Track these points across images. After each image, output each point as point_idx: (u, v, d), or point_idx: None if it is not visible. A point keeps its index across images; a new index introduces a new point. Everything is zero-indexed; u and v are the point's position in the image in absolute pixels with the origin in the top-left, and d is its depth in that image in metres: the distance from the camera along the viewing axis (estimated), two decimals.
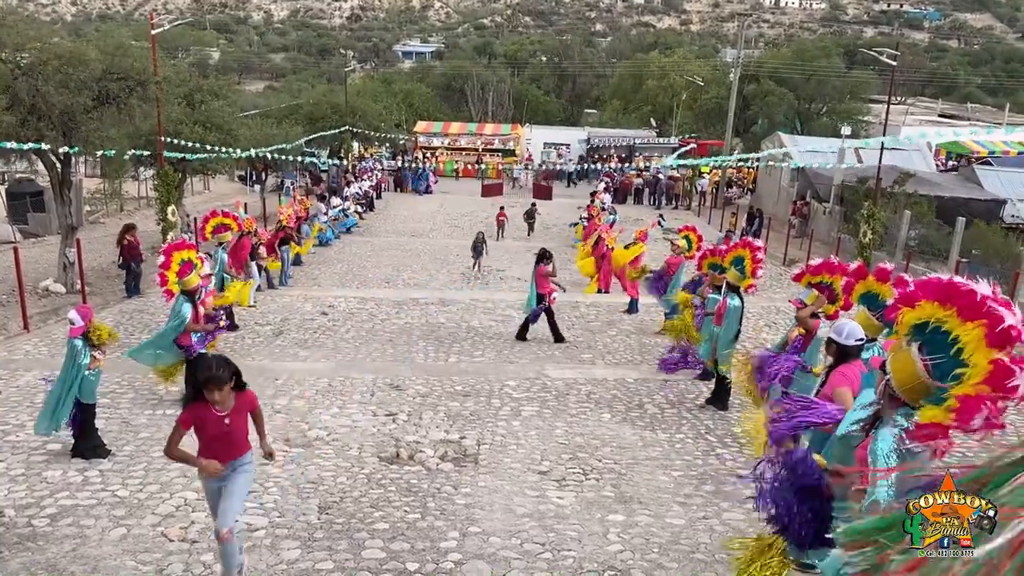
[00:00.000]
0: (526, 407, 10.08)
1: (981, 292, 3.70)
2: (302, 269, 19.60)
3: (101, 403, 8.67)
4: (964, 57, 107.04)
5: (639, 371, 12.01)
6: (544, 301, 13.33)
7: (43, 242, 22.49)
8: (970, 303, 3.72)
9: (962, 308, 3.75)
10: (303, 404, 9.86)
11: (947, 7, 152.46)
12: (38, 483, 7.36)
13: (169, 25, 26.10)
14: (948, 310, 3.83)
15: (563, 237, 26.59)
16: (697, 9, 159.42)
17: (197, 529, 6.57)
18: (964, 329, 3.75)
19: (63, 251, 16.44)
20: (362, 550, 6.33)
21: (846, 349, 5.83)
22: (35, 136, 14.98)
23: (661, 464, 8.36)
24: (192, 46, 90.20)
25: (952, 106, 70.36)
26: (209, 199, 32.54)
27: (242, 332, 13.46)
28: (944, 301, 3.86)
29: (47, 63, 14.59)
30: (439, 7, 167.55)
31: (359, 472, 7.87)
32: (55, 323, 13.55)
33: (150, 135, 18.92)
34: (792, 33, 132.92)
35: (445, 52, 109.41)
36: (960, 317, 3.77)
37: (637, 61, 58.93)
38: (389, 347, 12.86)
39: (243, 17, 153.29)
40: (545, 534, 6.70)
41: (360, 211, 29.72)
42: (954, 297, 3.82)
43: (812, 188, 29.77)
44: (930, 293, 3.97)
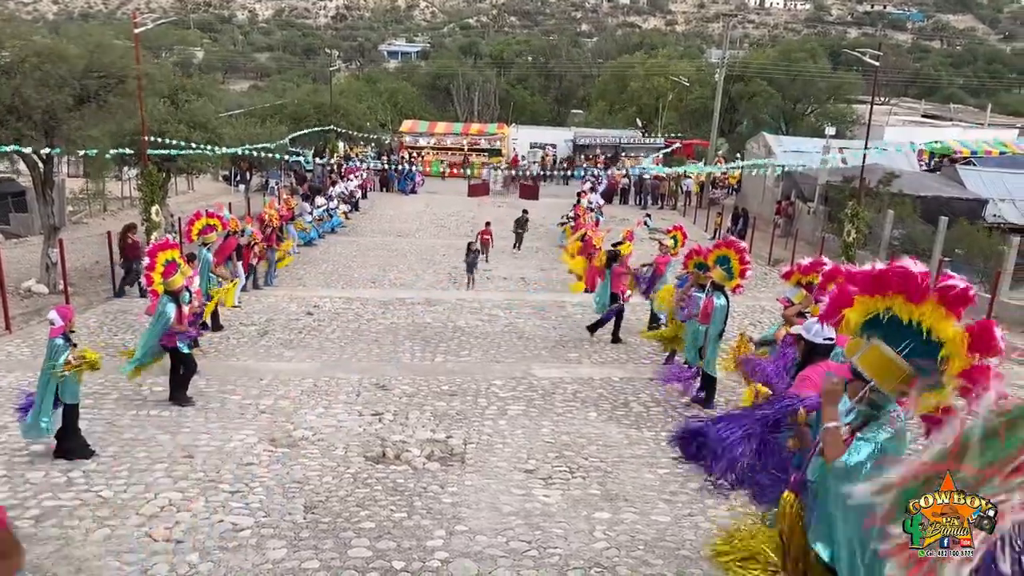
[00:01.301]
0: (512, 406, 10.09)
1: (914, 271, 3.77)
2: (287, 269, 19.52)
3: (85, 404, 8.61)
4: (947, 58, 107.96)
5: (625, 370, 12.04)
6: (618, 301, 13.34)
7: (25, 242, 22.27)
8: (912, 285, 3.78)
9: (908, 292, 3.80)
10: (288, 404, 9.83)
11: (930, 8, 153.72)
12: (21, 484, 7.31)
13: (152, 24, 25.88)
14: (893, 299, 3.87)
15: (550, 237, 26.62)
16: (682, 10, 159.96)
17: (182, 529, 6.54)
18: (920, 311, 3.80)
19: (45, 251, 16.29)
20: (348, 549, 6.32)
21: (814, 347, 5.86)
22: (15, 137, 14.82)
23: (647, 462, 8.39)
24: (176, 45, 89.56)
25: (935, 106, 70.91)
26: (193, 199, 32.34)
27: (227, 332, 13.40)
28: (882, 291, 3.90)
29: (26, 60, 14.42)
30: (424, 7, 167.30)
31: (345, 472, 7.85)
32: (37, 324, 13.42)
33: (134, 134, 18.78)
34: (777, 34, 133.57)
35: (431, 52, 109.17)
36: (910, 302, 3.82)
37: (623, 62, 59.04)
38: (375, 347, 12.84)
39: (227, 16, 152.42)
40: (531, 532, 6.71)
41: (346, 211, 29.61)
42: (891, 285, 3.87)
43: (797, 188, 29.93)
44: (865, 288, 4.01)
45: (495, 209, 34.43)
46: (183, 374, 9.71)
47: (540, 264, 21.95)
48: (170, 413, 9.37)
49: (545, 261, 22.49)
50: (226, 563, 6.06)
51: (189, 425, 8.99)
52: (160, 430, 8.79)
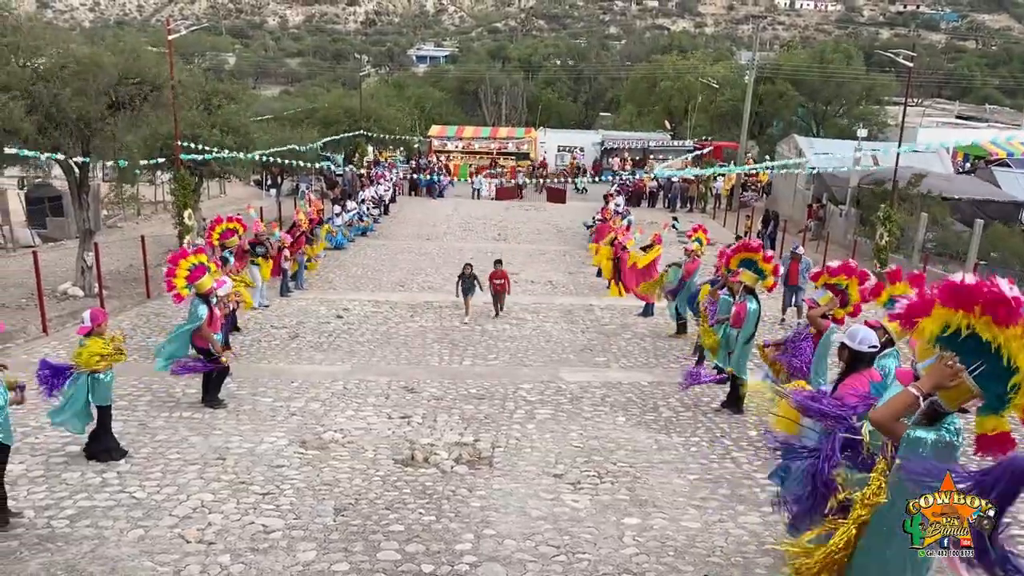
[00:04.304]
0: (540, 410, 10.08)
1: (1008, 294, 3.63)
2: (317, 273, 19.68)
3: (119, 405, 8.75)
4: (981, 58, 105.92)
5: (653, 374, 11.98)
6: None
7: (61, 246, 22.68)
8: (1004, 308, 3.64)
9: (997, 314, 3.66)
10: (319, 407, 9.91)
11: (964, 8, 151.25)
12: (57, 485, 7.43)
13: (185, 30, 26.28)
14: (979, 317, 3.73)
15: (577, 240, 26.57)
16: (711, 11, 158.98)
17: (214, 531, 6.61)
18: (1005, 334, 3.67)
19: (81, 255, 16.57)
20: (378, 552, 6.35)
21: (858, 355, 5.79)
22: (53, 145, 15.10)
23: (676, 467, 8.33)
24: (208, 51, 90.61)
25: (969, 107, 69.75)
26: (225, 203, 32.71)
27: (258, 335, 13.54)
28: (968, 307, 3.77)
29: (65, 68, 14.70)
30: (453, 11, 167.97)
31: (374, 474, 7.89)
32: (73, 326, 13.63)
33: (167, 139, 19.05)
34: (808, 35, 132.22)
35: (459, 56, 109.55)
36: (997, 324, 3.68)
37: (653, 63, 58.75)
38: (404, 350, 12.89)
39: (259, 22, 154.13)
40: (560, 537, 6.69)
41: (375, 215, 29.77)
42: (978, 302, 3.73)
43: (828, 191, 29.61)
44: (947, 300, 3.88)
45: (522, 212, 34.50)
46: (215, 377, 9.82)
47: (568, 268, 21.90)
48: (202, 415, 9.48)
49: (573, 264, 22.43)
50: (257, 565, 6.12)
51: (221, 427, 9.09)
52: (192, 432, 8.90)
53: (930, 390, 3.90)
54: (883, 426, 4.08)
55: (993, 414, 3.69)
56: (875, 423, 4.16)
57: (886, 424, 4.06)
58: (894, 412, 4.03)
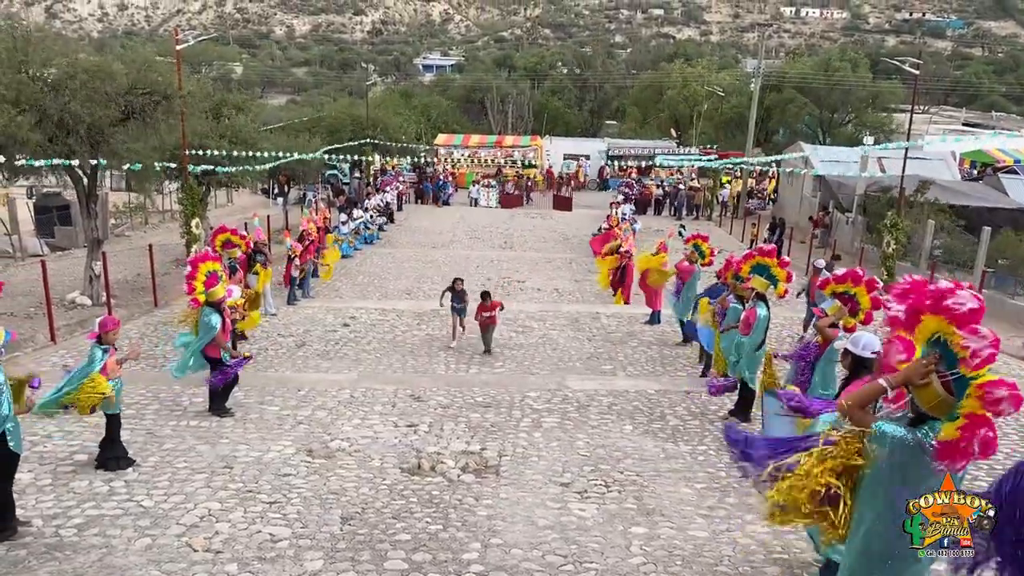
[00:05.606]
0: (547, 419, 10.07)
1: (970, 305, 3.66)
2: (323, 281, 19.72)
3: (126, 414, 8.77)
4: (988, 65, 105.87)
5: (660, 382, 11.96)
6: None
7: (70, 255, 22.78)
8: (964, 315, 3.69)
9: (958, 321, 3.72)
10: (325, 415, 9.91)
11: (970, 15, 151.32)
12: (65, 493, 7.45)
13: (193, 41, 26.40)
14: (949, 323, 3.78)
15: (584, 248, 26.56)
16: (717, 20, 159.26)
17: (221, 539, 6.62)
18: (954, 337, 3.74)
19: (89, 264, 16.64)
20: (384, 561, 6.35)
21: (862, 360, 5.78)
22: (65, 152, 15.19)
23: (684, 476, 8.31)
24: (216, 61, 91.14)
25: (976, 114, 69.59)
26: (233, 212, 32.84)
27: (264, 344, 13.56)
28: (939, 312, 3.80)
29: (74, 77, 14.79)
30: (459, 21, 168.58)
31: (381, 483, 7.89)
32: (81, 335, 13.70)
33: (176, 148, 19.15)
34: (813, 43, 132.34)
35: (465, 65, 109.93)
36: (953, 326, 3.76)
37: (659, 71, 58.81)
38: (410, 358, 12.90)
39: (266, 32, 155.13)
40: (567, 546, 6.68)
41: (381, 223, 29.85)
42: (942, 307, 3.78)
43: (834, 198, 29.57)
44: (922, 302, 3.92)
45: (528, 220, 34.55)
46: (224, 385, 9.84)
47: (574, 275, 21.90)
48: (209, 424, 9.50)
49: (579, 272, 22.43)
50: (264, 574, 6.12)
51: (228, 436, 9.11)
52: (200, 440, 8.92)
53: (899, 384, 3.98)
54: (850, 413, 4.18)
55: (950, 422, 3.71)
56: (842, 410, 4.27)
57: (853, 411, 4.16)
58: (860, 400, 4.16)
